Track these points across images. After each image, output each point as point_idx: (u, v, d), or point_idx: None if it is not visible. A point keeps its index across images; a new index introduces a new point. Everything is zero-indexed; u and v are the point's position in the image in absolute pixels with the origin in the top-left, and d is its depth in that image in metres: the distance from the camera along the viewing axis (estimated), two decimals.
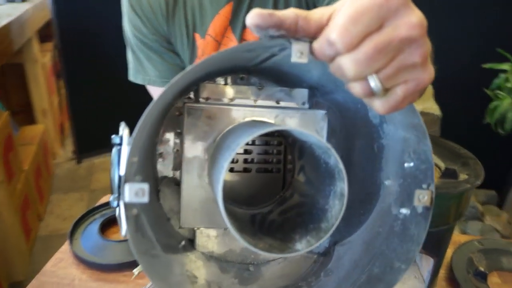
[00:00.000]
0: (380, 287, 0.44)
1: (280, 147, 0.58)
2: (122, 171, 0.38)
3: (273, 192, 0.58)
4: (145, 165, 0.45)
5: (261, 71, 0.56)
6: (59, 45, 2.48)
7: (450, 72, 2.18)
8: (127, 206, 0.38)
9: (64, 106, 2.91)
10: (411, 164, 0.44)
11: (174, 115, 0.52)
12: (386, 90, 0.34)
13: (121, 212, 0.39)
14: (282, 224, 0.51)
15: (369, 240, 0.50)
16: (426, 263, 0.84)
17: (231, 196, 0.55)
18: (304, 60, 0.35)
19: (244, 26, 0.83)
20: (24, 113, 2.63)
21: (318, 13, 0.34)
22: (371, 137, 0.50)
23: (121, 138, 0.46)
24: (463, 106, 2.10)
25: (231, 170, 0.55)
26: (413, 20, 0.31)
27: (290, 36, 0.35)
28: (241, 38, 0.83)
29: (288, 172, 0.58)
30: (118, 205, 0.44)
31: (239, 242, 0.47)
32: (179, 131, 0.54)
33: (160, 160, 0.53)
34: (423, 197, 0.43)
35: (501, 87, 1.73)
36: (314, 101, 0.56)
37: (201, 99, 0.52)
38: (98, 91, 2.66)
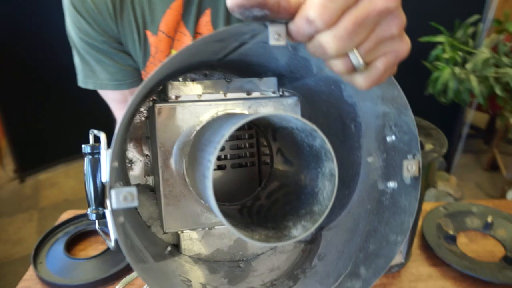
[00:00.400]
0: (380, 262, 0.44)
1: (252, 140, 0.57)
2: (105, 178, 0.36)
3: (252, 186, 0.58)
4: (122, 173, 0.43)
5: (225, 66, 0.55)
6: None
7: None
8: (114, 213, 0.35)
9: None
10: (393, 137, 0.44)
11: (140, 120, 0.51)
12: (366, 65, 0.35)
13: (108, 222, 0.36)
14: (271, 213, 0.50)
15: (358, 219, 0.50)
16: None
17: None
18: (282, 42, 0.35)
19: (197, 20, 0.79)
20: None
21: None
22: (347, 117, 0.50)
23: (93, 146, 0.43)
24: (406, 80, 2.19)
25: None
26: None
27: (273, 17, 0.34)
28: (195, 32, 0.80)
29: (264, 164, 0.58)
30: (98, 217, 0.42)
31: (236, 235, 0.47)
32: (147, 135, 0.53)
33: (130, 167, 0.52)
34: (411, 167, 0.43)
35: (439, 58, 1.82)
36: (282, 90, 0.56)
37: (170, 98, 0.50)
38: (33, 103, 2.50)
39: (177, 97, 0.50)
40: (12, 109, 2.45)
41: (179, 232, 0.52)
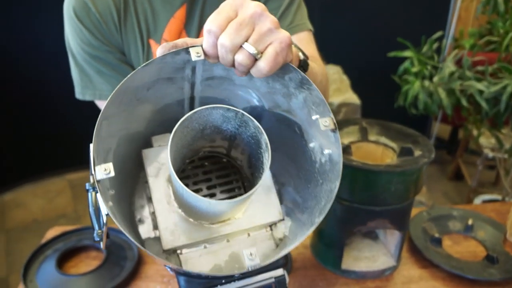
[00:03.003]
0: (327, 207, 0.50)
1: (234, 170, 0.62)
2: (104, 211, 0.46)
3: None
4: (129, 231, 0.49)
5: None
6: None
7: (361, 63, 2.36)
8: (103, 192, 0.46)
9: None
10: (317, 116, 0.52)
11: (143, 183, 0.59)
12: (261, 53, 0.47)
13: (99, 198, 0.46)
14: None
15: (316, 193, 0.56)
16: (392, 239, 0.90)
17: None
18: (201, 57, 0.48)
19: (199, 28, 0.81)
20: None
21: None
22: (290, 124, 0.57)
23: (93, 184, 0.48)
24: (377, 93, 2.28)
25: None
26: (253, 4, 0.47)
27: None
28: None
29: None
30: (100, 238, 0.48)
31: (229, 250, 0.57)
32: (150, 196, 0.60)
33: (140, 224, 0.59)
34: (325, 122, 0.51)
35: (408, 72, 1.91)
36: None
37: (154, 147, 0.60)
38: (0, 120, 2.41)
39: (160, 145, 0.61)
40: None
41: (179, 253, 0.57)
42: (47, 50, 2.17)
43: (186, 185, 0.59)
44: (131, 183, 0.61)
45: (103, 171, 0.47)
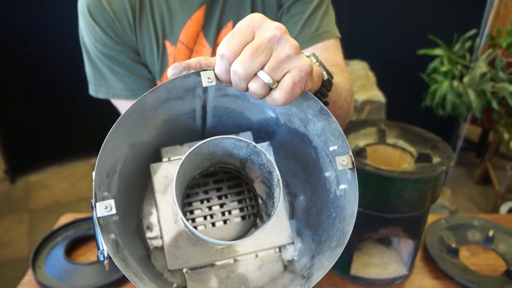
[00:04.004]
0: (337, 251, 0.48)
1: (250, 194, 0.61)
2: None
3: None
4: (132, 239, 0.50)
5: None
6: None
7: (389, 60, 2.29)
8: (104, 230, 0.45)
9: None
10: (335, 146, 0.50)
11: (152, 190, 0.58)
12: (277, 82, 0.43)
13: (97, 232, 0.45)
14: None
15: (327, 227, 0.54)
16: (405, 247, 0.87)
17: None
18: (213, 83, 0.45)
19: (218, 32, 0.78)
20: None
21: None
22: (307, 145, 0.55)
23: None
24: (404, 91, 2.21)
25: (213, 224, 0.59)
26: (273, 25, 0.42)
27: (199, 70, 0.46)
28: (215, 44, 0.79)
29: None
30: (105, 258, 0.47)
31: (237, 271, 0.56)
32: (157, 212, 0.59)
33: (148, 232, 0.59)
34: (343, 161, 0.49)
35: (437, 71, 1.84)
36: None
37: (163, 160, 0.59)
38: (25, 104, 2.46)
39: (168, 159, 0.59)
40: (5, 110, 2.41)
41: (184, 272, 0.56)
42: (74, 35, 2.19)
43: (196, 193, 0.58)
44: (140, 190, 0.60)
45: (103, 208, 0.45)
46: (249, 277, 0.57)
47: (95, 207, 0.44)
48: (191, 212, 0.59)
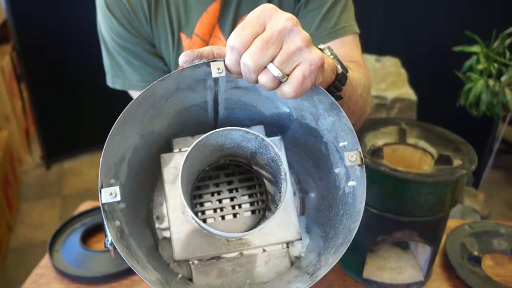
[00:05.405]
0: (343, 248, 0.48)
1: (261, 189, 0.60)
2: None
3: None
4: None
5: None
6: (17, 47, 2.35)
7: (422, 57, 2.21)
8: (109, 216, 0.45)
9: (28, 110, 2.78)
10: (345, 142, 0.49)
11: (162, 181, 0.58)
12: (287, 76, 0.42)
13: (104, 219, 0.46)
14: None
15: (335, 223, 0.53)
16: (423, 252, 0.83)
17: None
18: (222, 74, 0.45)
19: (233, 24, 0.77)
20: None
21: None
22: (318, 141, 0.54)
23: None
24: (436, 89, 2.13)
25: (222, 217, 0.59)
26: (284, 17, 0.41)
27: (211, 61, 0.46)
28: None
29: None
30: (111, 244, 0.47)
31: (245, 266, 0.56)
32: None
33: (157, 222, 0.60)
34: (351, 157, 0.48)
35: (473, 69, 1.75)
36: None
37: (174, 151, 0.58)
38: (63, 93, 2.55)
39: (179, 150, 0.59)
40: (41, 99, 2.50)
41: (190, 263, 0.56)
42: None
43: (207, 186, 0.58)
44: (151, 181, 0.61)
45: (108, 194, 0.45)
46: (255, 271, 0.57)
47: (100, 193, 0.45)
48: (201, 204, 0.59)
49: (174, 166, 0.57)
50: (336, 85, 0.52)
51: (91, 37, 0.80)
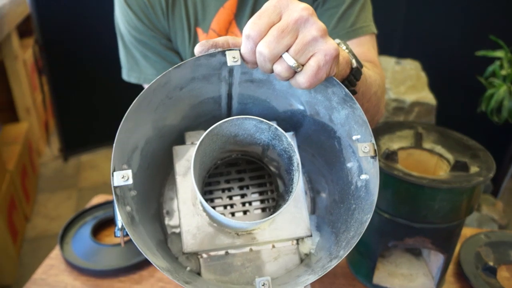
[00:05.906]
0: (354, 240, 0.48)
1: (271, 186, 0.60)
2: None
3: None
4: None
5: None
6: (40, 40, 2.39)
7: (444, 61, 2.16)
8: (120, 197, 0.45)
9: (48, 103, 2.83)
10: (359, 136, 0.49)
11: (174, 175, 0.58)
12: (302, 66, 0.43)
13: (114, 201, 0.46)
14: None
15: (346, 218, 0.52)
16: (436, 259, 0.81)
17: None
18: (238, 63, 0.45)
19: None
20: (7, 111, 2.54)
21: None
22: (331, 136, 0.53)
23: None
24: (457, 94, 2.08)
25: (232, 214, 0.59)
26: (300, 6, 0.42)
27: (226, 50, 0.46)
28: None
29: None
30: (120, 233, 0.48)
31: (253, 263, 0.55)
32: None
33: (167, 217, 0.60)
34: (365, 148, 0.47)
35: (496, 74, 1.71)
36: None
37: (187, 143, 0.59)
38: (83, 87, 2.58)
39: (192, 142, 0.59)
40: (61, 93, 2.54)
41: (199, 257, 0.56)
42: None
43: (218, 182, 0.58)
44: (162, 174, 0.61)
45: (120, 178, 0.45)
46: (264, 267, 0.56)
47: (113, 175, 0.44)
48: (212, 200, 0.59)
49: (186, 158, 0.57)
50: (350, 79, 0.52)
51: (112, 32, 0.81)
